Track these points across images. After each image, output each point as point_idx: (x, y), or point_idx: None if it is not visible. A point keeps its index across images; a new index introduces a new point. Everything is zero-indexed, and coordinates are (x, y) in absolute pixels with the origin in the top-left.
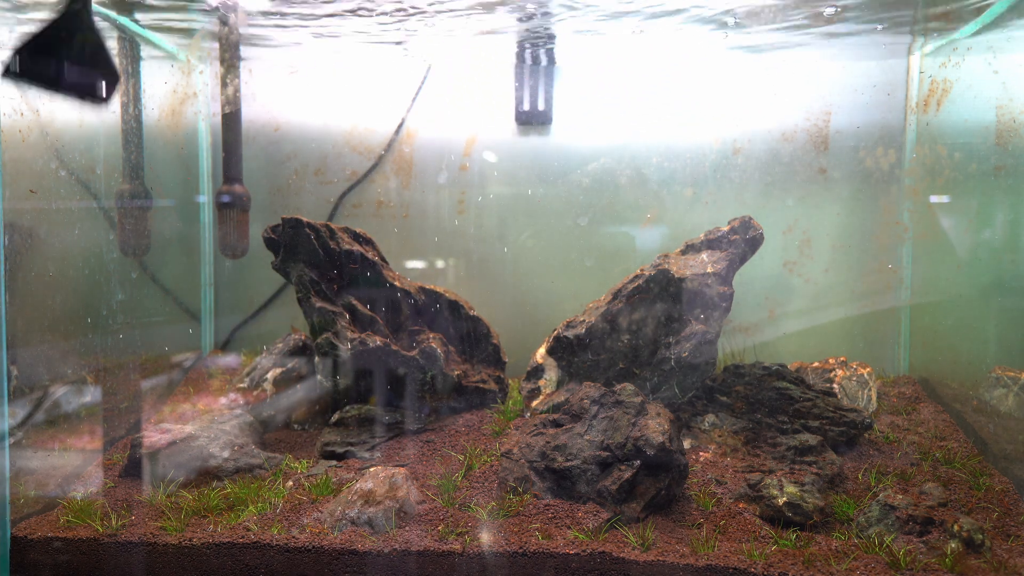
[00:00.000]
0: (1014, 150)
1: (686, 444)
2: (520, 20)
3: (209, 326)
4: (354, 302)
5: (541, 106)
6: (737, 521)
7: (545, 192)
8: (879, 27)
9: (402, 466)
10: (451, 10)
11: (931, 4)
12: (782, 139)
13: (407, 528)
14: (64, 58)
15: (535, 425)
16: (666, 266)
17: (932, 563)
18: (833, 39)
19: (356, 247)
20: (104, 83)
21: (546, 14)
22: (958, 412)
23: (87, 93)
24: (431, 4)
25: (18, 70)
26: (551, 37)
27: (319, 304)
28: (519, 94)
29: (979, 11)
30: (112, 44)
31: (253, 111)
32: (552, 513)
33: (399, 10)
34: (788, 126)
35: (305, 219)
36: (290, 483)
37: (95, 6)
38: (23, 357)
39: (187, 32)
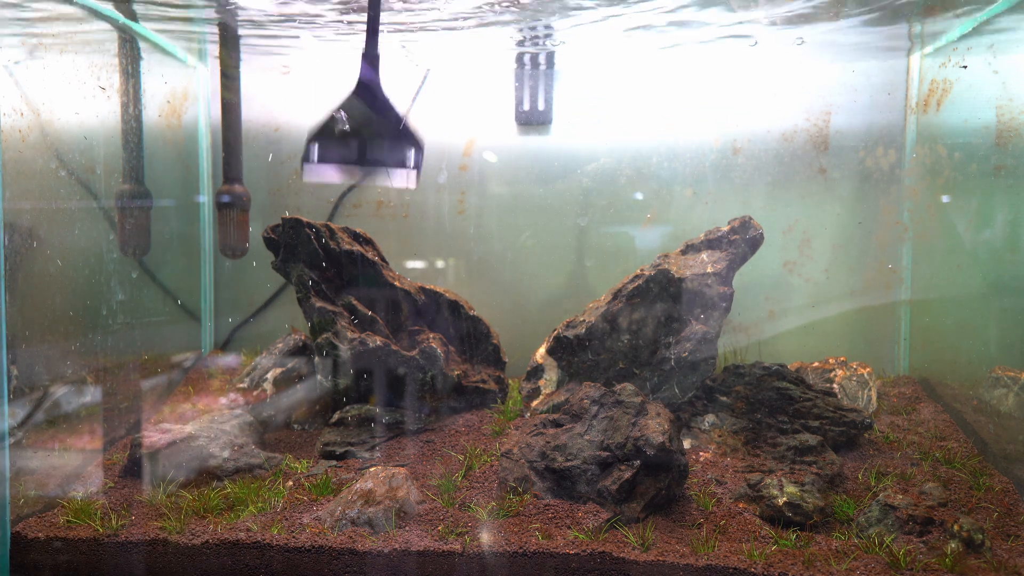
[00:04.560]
0: (1014, 150)
1: (686, 444)
2: (520, 31)
3: (209, 326)
4: (354, 302)
5: (541, 106)
6: (737, 521)
7: (545, 192)
8: (879, 25)
9: (402, 466)
10: (451, 28)
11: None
12: (782, 139)
13: (407, 528)
14: (365, 137)
15: (535, 425)
16: (666, 266)
17: (932, 563)
18: (833, 39)
19: (356, 247)
20: (413, 152)
21: (547, 29)
22: (958, 412)
23: (398, 165)
24: (434, 20)
25: (317, 158)
26: (550, 36)
27: (319, 304)
28: (519, 94)
29: (978, 10)
30: (112, 43)
31: (253, 111)
32: (552, 513)
33: (399, 25)
34: (788, 126)
35: (305, 219)
36: (290, 483)
37: (95, 6)
38: (23, 357)
39: (187, 32)
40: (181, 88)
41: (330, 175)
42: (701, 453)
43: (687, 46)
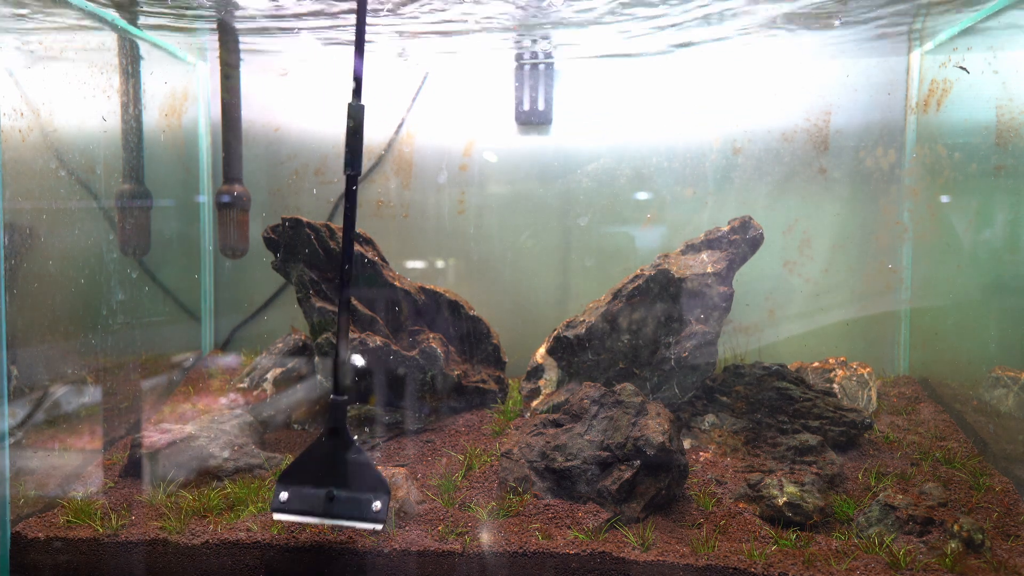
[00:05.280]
0: (1014, 150)
1: (686, 444)
2: (520, 35)
3: (209, 326)
4: (354, 302)
5: (541, 106)
6: (737, 521)
7: (545, 192)
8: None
9: (402, 466)
10: (447, 32)
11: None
12: (782, 139)
13: (407, 528)
14: (332, 483)
15: (535, 425)
16: (666, 266)
17: (932, 563)
18: (833, 39)
19: (356, 247)
20: (379, 501)
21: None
22: (958, 412)
23: (361, 515)
24: (432, 24)
25: (286, 507)
26: (548, 37)
27: (319, 304)
28: (519, 94)
29: (978, 8)
30: (112, 43)
31: (253, 111)
32: (552, 513)
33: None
34: (788, 126)
35: (305, 219)
36: None
37: (95, 6)
38: (23, 357)
39: (187, 32)
40: (181, 88)
41: (297, 522)
42: (701, 453)
43: (688, 45)
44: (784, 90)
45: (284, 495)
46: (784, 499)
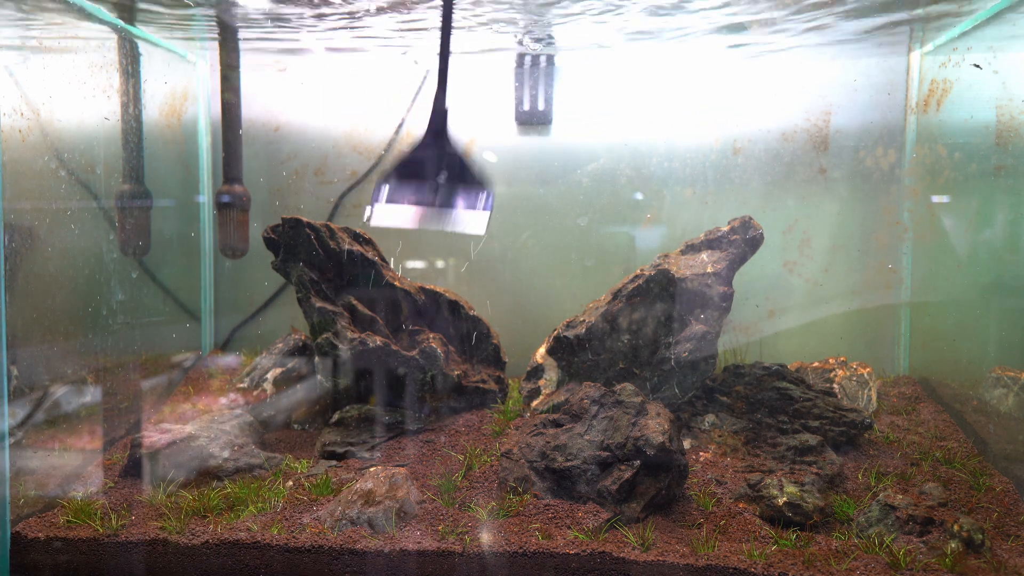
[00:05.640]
0: (1014, 150)
1: (686, 444)
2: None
3: (209, 326)
4: (354, 302)
5: (541, 106)
6: (737, 521)
7: (545, 192)
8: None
9: (402, 466)
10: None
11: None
12: (782, 139)
13: (407, 528)
14: (435, 178)
15: (535, 425)
16: (666, 266)
17: (932, 563)
18: (833, 40)
19: (356, 247)
20: (484, 195)
21: (549, 37)
22: (958, 412)
23: (469, 207)
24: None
25: (386, 199)
26: (551, 37)
27: (319, 304)
28: (519, 94)
29: (978, 9)
30: (111, 43)
31: (253, 111)
32: (552, 513)
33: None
34: (788, 126)
35: (305, 219)
36: (290, 483)
37: (95, 6)
38: (23, 357)
39: (187, 31)
40: (181, 88)
41: (399, 217)
42: (701, 453)
43: (689, 46)
44: (784, 90)
45: (385, 190)
46: (784, 499)
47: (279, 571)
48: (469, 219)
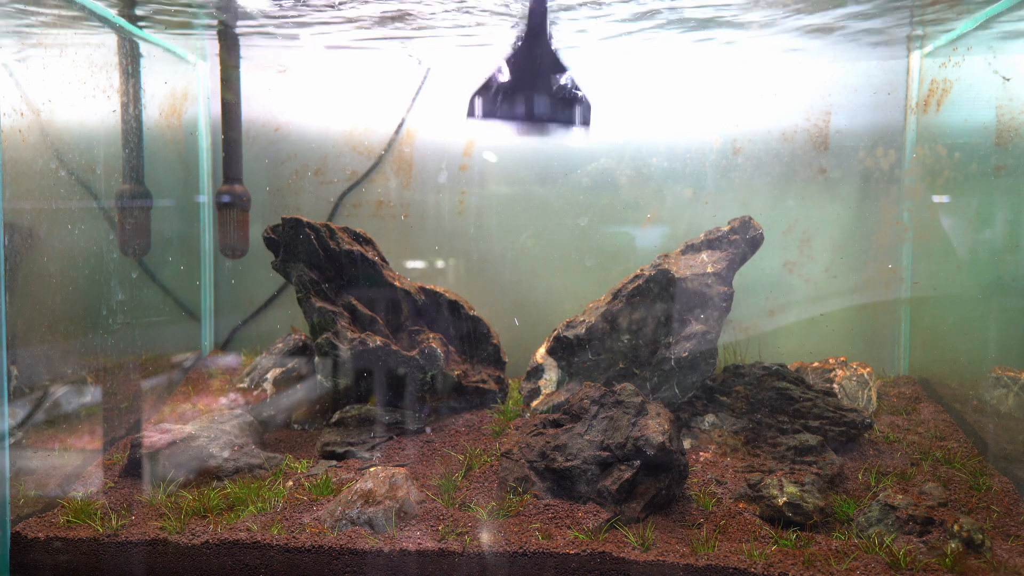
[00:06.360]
0: (1014, 150)
1: (686, 444)
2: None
3: (209, 326)
4: (354, 302)
5: None
6: (737, 521)
7: (545, 192)
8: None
9: (402, 466)
10: (455, 24)
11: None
12: (782, 139)
13: (407, 528)
14: (536, 92)
15: (535, 425)
16: (666, 266)
17: (932, 563)
18: (833, 40)
19: (356, 247)
20: (580, 109)
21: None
22: (958, 412)
23: (566, 121)
24: (432, 15)
25: (484, 112)
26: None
27: (319, 304)
28: None
29: (978, 9)
30: (111, 43)
31: (253, 111)
32: (552, 513)
33: (398, 17)
34: (788, 126)
35: (305, 219)
36: (290, 483)
37: (95, 5)
38: (23, 357)
39: (187, 31)
40: (181, 88)
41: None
42: (701, 453)
43: (690, 45)
44: (784, 90)
45: (480, 104)
46: (784, 499)
47: (279, 571)
48: (573, 129)
